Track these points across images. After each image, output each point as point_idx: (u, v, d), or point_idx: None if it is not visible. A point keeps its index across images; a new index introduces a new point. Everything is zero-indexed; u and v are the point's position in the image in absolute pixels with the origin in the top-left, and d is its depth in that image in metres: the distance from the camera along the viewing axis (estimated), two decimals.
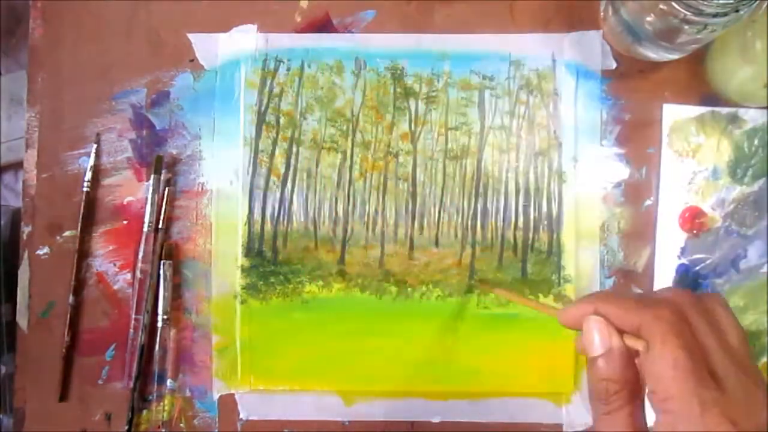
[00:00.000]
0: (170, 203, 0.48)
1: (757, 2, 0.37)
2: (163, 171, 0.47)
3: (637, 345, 0.26)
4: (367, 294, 0.47)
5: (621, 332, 0.27)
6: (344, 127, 0.48)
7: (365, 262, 0.48)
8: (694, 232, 0.47)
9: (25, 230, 0.48)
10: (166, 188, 0.47)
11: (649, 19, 0.41)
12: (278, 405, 0.47)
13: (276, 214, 0.48)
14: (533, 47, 0.48)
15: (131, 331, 0.46)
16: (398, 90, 0.48)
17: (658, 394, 0.25)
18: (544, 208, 0.47)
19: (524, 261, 0.47)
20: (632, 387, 0.27)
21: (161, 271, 0.47)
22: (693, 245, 0.47)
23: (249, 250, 0.47)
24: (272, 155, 0.48)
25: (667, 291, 0.29)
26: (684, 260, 0.47)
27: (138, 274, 0.47)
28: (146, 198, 0.47)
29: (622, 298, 0.28)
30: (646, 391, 0.26)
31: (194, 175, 0.48)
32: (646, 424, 0.27)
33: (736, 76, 0.45)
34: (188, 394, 0.47)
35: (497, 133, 0.48)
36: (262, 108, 0.48)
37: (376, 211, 0.48)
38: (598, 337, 0.27)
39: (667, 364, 0.25)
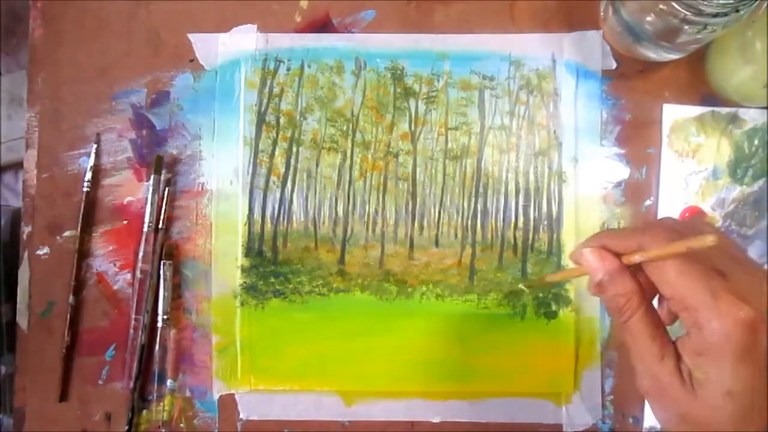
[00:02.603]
0: (170, 203, 0.48)
1: (757, 2, 0.37)
2: (163, 171, 0.47)
3: (634, 259, 0.30)
4: (367, 294, 0.47)
5: (622, 254, 0.30)
6: (344, 127, 0.48)
7: (365, 262, 0.47)
8: None
9: (25, 230, 0.48)
10: (166, 188, 0.47)
11: (649, 19, 0.41)
12: (278, 405, 0.47)
13: (276, 214, 0.48)
14: (533, 47, 0.48)
15: (131, 331, 0.46)
16: (398, 90, 0.48)
17: (674, 298, 0.28)
18: (544, 208, 0.47)
19: (524, 261, 0.47)
20: (638, 295, 0.30)
21: (161, 271, 0.47)
22: None
23: (249, 250, 0.47)
24: (272, 155, 0.48)
25: (659, 220, 0.33)
26: None
27: (138, 274, 0.47)
28: (146, 198, 0.47)
29: (620, 230, 0.33)
30: (665, 300, 0.30)
31: (194, 175, 0.48)
32: (660, 319, 0.30)
33: (736, 76, 0.45)
34: (188, 394, 0.47)
35: (497, 133, 0.48)
36: (262, 108, 0.48)
37: (376, 211, 0.48)
38: (597, 263, 0.30)
39: (671, 269, 0.28)
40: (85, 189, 0.47)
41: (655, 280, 0.29)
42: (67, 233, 0.48)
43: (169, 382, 0.47)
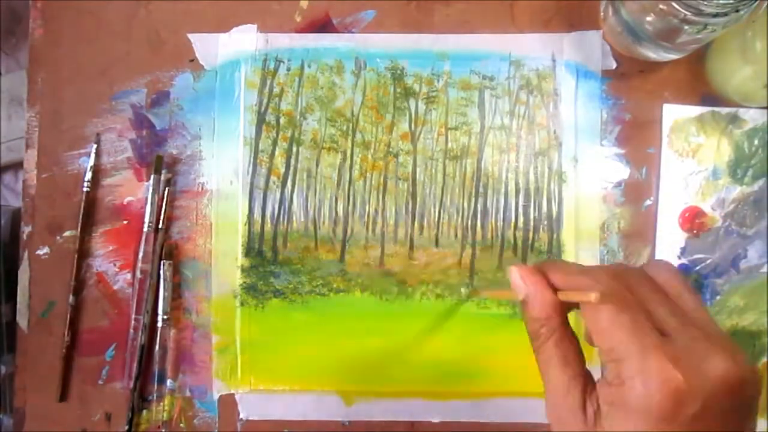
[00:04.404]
0: (170, 203, 0.48)
1: (757, 2, 0.37)
2: (163, 171, 0.47)
3: (574, 297, 0.29)
4: (367, 294, 0.47)
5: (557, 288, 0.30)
6: (344, 127, 0.48)
7: (365, 262, 0.48)
8: (694, 232, 0.47)
9: (25, 230, 0.48)
10: (166, 188, 0.47)
11: (649, 19, 0.41)
12: (278, 405, 0.47)
13: (276, 214, 0.48)
14: (533, 47, 0.48)
15: (131, 331, 0.46)
16: (398, 90, 0.48)
17: (602, 347, 0.27)
18: (544, 208, 0.47)
19: (524, 261, 0.47)
20: (555, 323, 0.29)
21: (161, 271, 0.47)
22: (693, 245, 0.47)
23: (249, 250, 0.47)
24: (272, 155, 0.48)
25: (613, 265, 0.31)
26: (684, 260, 0.47)
27: (138, 274, 0.47)
28: (146, 198, 0.47)
29: (567, 265, 0.31)
30: (598, 350, 0.28)
31: (194, 175, 0.48)
32: (576, 355, 0.29)
33: (736, 76, 0.45)
34: (188, 394, 0.47)
35: (497, 133, 0.48)
36: (262, 108, 0.48)
37: (376, 211, 0.48)
38: (519, 283, 0.30)
39: (605, 317, 0.26)
40: (85, 189, 0.47)
41: (588, 327, 0.28)
42: (67, 233, 0.48)
43: (169, 382, 0.47)
